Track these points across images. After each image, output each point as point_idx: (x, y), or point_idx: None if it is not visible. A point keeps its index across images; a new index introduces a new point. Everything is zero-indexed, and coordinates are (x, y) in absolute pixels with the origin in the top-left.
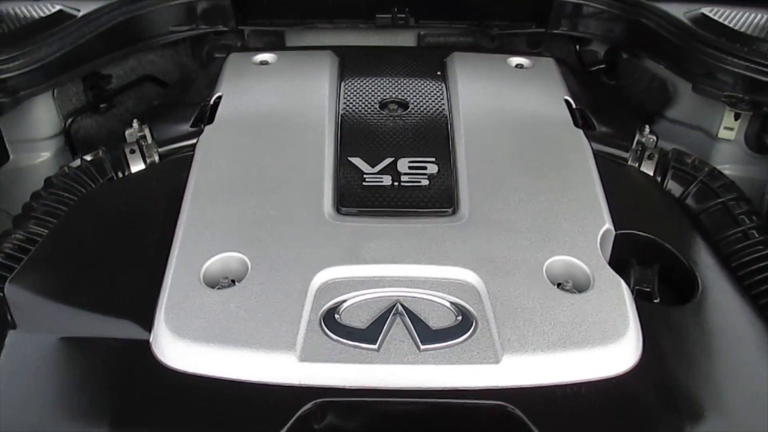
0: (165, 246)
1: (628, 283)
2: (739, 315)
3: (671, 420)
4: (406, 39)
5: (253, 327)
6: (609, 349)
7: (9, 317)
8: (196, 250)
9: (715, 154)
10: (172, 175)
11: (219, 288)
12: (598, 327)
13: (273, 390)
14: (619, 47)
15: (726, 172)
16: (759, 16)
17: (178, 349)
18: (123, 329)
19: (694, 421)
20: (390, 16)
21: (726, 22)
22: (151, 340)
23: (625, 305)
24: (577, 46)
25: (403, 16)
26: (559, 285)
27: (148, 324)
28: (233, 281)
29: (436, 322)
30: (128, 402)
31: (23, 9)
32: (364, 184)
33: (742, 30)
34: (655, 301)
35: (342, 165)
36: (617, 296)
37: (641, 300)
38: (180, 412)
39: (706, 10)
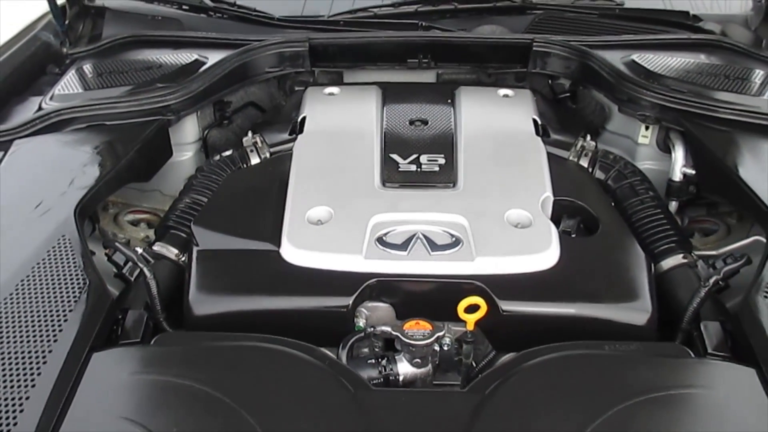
0: (281, 203)
1: (557, 226)
2: (623, 244)
3: (573, 292)
4: (428, 76)
5: (338, 242)
6: (538, 256)
7: (194, 240)
8: (301, 205)
9: (638, 155)
10: (280, 166)
11: (315, 225)
12: (533, 245)
13: (350, 274)
14: (575, 81)
15: (646, 166)
16: (676, 59)
17: (296, 254)
18: (262, 245)
19: (587, 294)
20: (417, 60)
21: (647, 65)
22: (280, 250)
23: (551, 236)
24: (550, 80)
25: (426, 60)
26: (514, 226)
27: (277, 242)
28: (322, 222)
29: (439, 241)
30: (269, 280)
31: (171, 56)
32: (399, 169)
33: (655, 71)
34: (573, 236)
35: (385, 158)
36: (547, 231)
37: (564, 235)
38: (298, 285)
39: (635, 56)
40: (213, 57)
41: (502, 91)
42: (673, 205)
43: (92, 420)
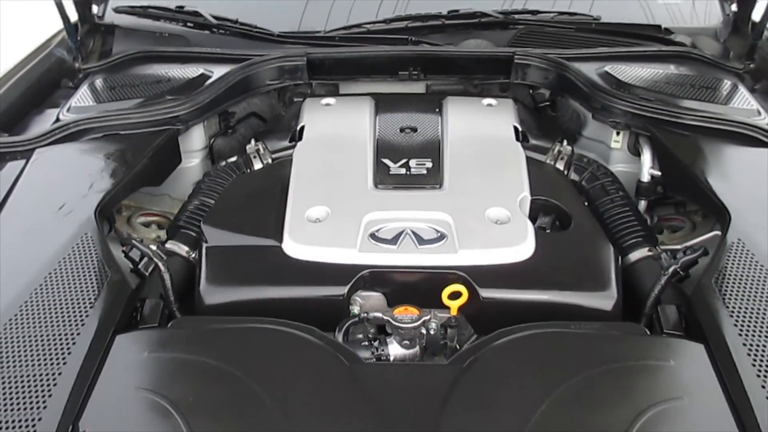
0: (282, 204)
1: (534, 223)
2: (593, 238)
3: (547, 281)
4: (418, 87)
5: (334, 238)
6: (515, 248)
7: (204, 238)
8: (301, 205)
9: (611, 158)
10: (281, 170)
11: (314, 222)
12: (510, 239)
13: (345, 266)
14: (554, 91)
15: (618, 168)
16: (646, 70)
17: (297, 249)
18: (266, 241)
19: (559, 283)
20: (407, 72)
21: (619, 76)
22: (282, 245)
23: (527, 231)
24: (531, 90)
25: (416, 73)
26: (494, 222)
27: (279, 238)
28: (320, 220)
29: (426, 236)
30: (271, 271)
31: (178, 70)
32: (390, 173)
33: (626, 81)
34: (547, 231)
35: (378, 163)
36: (524, 227)
37: (539, 231)
38: (298, 277)
39: (608, 68)
40: (218, 71)
41: (486, 101)
42: (642, 204)
43: (117, 392)
